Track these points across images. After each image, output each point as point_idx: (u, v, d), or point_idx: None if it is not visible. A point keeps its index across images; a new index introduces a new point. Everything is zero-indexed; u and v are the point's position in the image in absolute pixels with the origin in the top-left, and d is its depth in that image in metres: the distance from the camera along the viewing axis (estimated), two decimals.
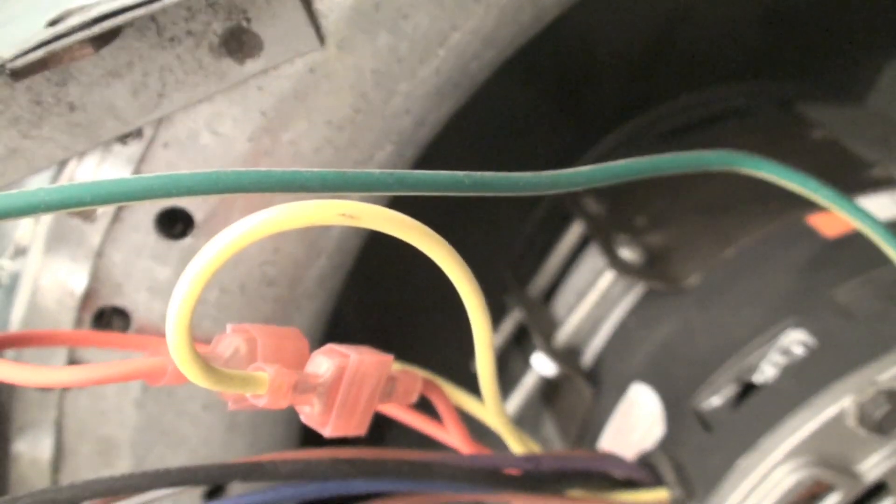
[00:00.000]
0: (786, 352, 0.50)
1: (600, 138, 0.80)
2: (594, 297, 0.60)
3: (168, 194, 0.30)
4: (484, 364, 0.41)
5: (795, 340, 0.50)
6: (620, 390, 0.57)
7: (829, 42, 0.81)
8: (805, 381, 0.47)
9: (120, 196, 0.29)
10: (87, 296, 0.44)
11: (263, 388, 0.35)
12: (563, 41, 0.87)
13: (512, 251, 0.73)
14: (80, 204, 0.28)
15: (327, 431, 0.38)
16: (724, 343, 0.52)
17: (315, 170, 0.32)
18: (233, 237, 0.28)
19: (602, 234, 0.61)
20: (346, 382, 0.38)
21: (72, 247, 0.44)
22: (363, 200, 0.43)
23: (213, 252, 0.28)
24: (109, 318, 0.45)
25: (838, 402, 0.45)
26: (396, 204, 0.35)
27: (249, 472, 0.38)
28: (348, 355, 0.38)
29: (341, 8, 0.41)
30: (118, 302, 0.45)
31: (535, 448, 0.49)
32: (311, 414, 0.38)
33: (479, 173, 0.37)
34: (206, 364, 0.31)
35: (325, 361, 0.38)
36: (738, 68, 0.83)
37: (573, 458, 0.49)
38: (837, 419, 0.45)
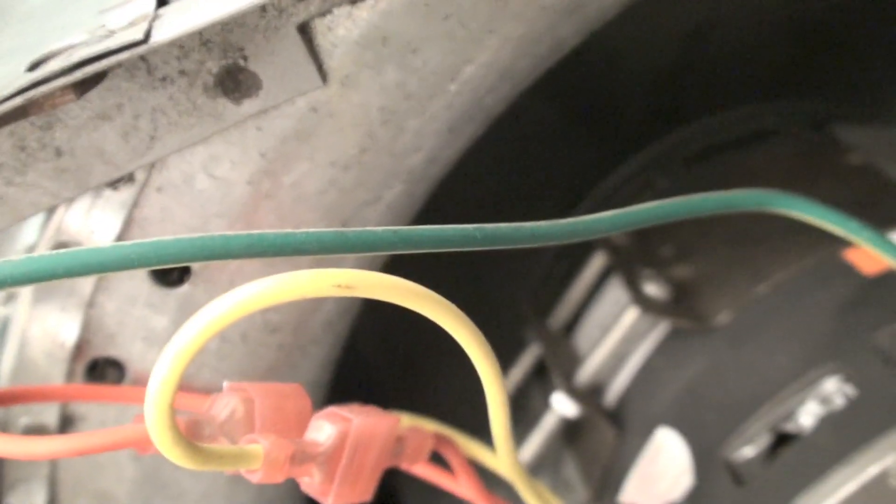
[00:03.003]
0: (824, 401, 0.46)
1: (623, 156, 0.77)
2: (618, 334, 0.57)
3: (149, 264, 0.27)
4: (498, 423, 0.38)
5: (834, 388, 0.46)
6: (645, 434, 0.54)
7: (862, 58, 0.77)
8: (845, 436, 0.44)
9: (96, 268, 0.27)
10: (79, 347, 0.42)
11: (258, 462, 0.32)
12: (588, 58, 0.84)
13: (530, 280, 0.70)
14: (51, 277, 0.26)
15: (329, 502, 0.36)
16: (757, 388, 0.49)
17: (311, 230, 0.30)
18: (215, 316, 0.26)
19: (626, 267, 0.58)
20: (349, 449, 0.35)
21: (62, 296, 0.41)
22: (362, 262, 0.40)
23: (194, 331, 0.26)
24: (103, 370, 0.43)
25: (881, 461, 0.42)
26: None
27: None
28: (350, 419, 0.36)
29: (345, 43, 0.39)
30: (112, 353, 0.43)
31: (553, 501, 0.46)
32: (311, 484, 0.35)
33: (491, 226, 0.35)
34: (192, 445, 0.29)
35: (326, 427, 0.35)
36: (767, 86, 0.80)
37: None
38: (880, 479, 0.42)
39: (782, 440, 0.47)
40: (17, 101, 0.33)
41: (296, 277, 0.26)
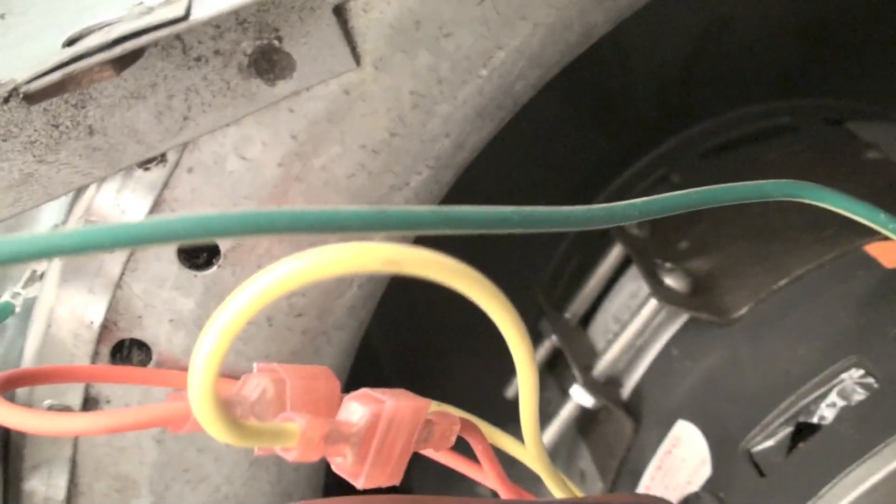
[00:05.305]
0: (845, 393, 0.46)
1: (636, 152, 0.77)
2: (636, 326, 0.57)
3: (193, 237, 0.27)
4: (527, 410, 0.38)
5: (856, 381, 0.46)
6: (663, 425, 0.54)
7: (876, 56, 0.77)
8: (867, 428, 0.44)
9: (142, 239, 0.26)
10: (106, 328, 0.42)
11: (294, 440, 0.32)
12: (599, 52, 0.84)
13: (545, 272, 0.70)
14: (98, 249, 0.26)
15: (360, 483, 0.35)
16: (778, 381, 0.49)
17: (353, 208, 0.30)
18: (260, 289, 0.26)
19: (644, 259, 0.58)
20: (381, 431, 0.35)
21: (89, 277, 0.41)
22: (397, 240, 0.40)
23: (240, 304, 0.26)
24: (128, 352, 0.43)
25: None
26: None
27: None
28: (383, 401, 0.35)
29: (380, 26, 0.39)
30: (138, 334, 0.42)
31: (577, 492, 0.46)
32: (343, 464, 0.35)
33: (527, 209, 0.34)
34: (233, 420, 0.29)
35: (359, 408, 0.35)
36: (781, 84, 0.80)
37: (617, 503, 0.46)
38: None
39: (803, 432, 0.47)
40: (56, 76, 0.33)
41: (343, 251, 0.26)
